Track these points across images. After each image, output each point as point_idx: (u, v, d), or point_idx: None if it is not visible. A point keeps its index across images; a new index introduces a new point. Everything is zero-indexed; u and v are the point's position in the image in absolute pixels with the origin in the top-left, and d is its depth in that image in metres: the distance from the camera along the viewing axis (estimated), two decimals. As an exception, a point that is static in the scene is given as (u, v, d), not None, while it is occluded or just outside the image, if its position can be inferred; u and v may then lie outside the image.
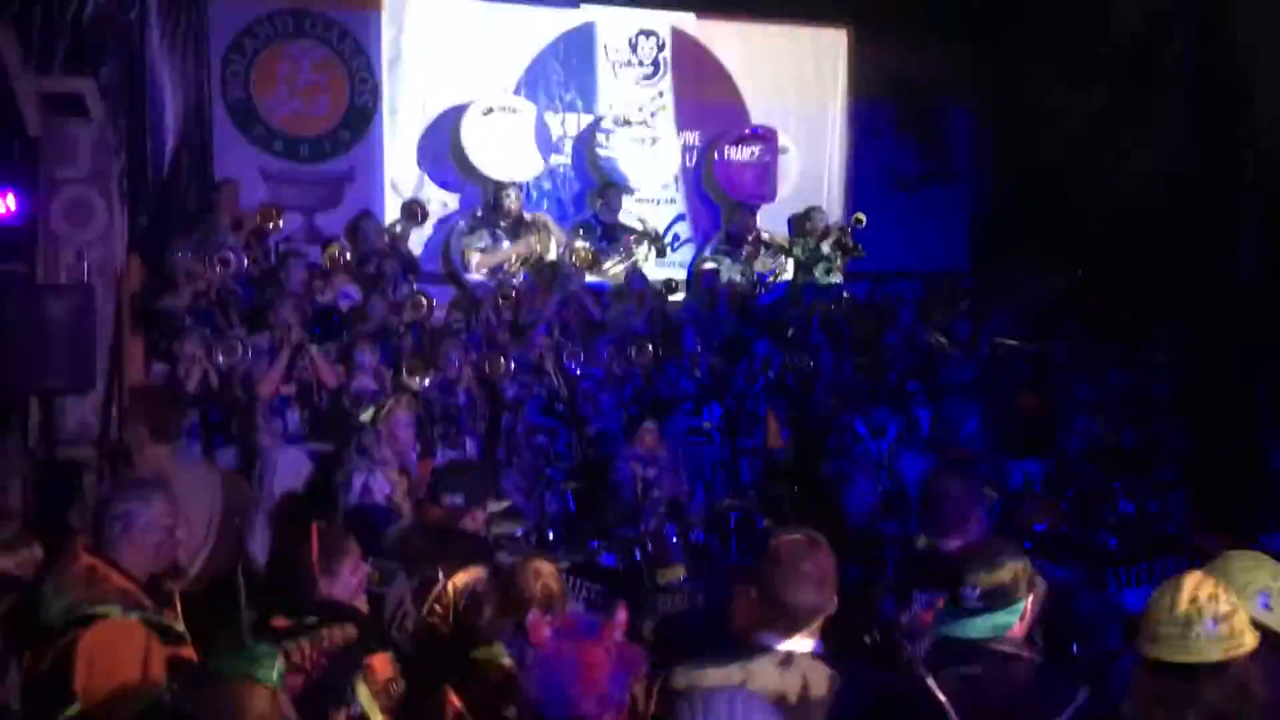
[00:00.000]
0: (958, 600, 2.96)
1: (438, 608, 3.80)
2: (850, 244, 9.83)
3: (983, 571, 2.97)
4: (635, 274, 9.43)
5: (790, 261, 10.11)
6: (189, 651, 3.32)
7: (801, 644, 2.90)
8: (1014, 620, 2.96)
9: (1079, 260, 9.54)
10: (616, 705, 2.32)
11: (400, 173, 9.62)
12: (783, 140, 10.44)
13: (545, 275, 9.14)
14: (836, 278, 9.97)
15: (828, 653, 2.95)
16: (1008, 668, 2.90)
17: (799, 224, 10.27)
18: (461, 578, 3.85)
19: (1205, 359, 8.40)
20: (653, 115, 10.13)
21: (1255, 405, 7.91)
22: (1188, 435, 7.71)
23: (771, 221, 10.36)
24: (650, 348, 8.22)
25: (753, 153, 10.31)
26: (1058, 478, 7.14)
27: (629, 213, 9.91)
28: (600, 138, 9.94)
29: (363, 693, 3.20)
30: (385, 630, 3.70)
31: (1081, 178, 9.80)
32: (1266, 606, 3.00)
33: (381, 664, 3.27)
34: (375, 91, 9.49)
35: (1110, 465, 7.16)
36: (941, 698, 2.82)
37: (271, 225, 8.38)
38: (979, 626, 2.93)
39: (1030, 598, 3.02)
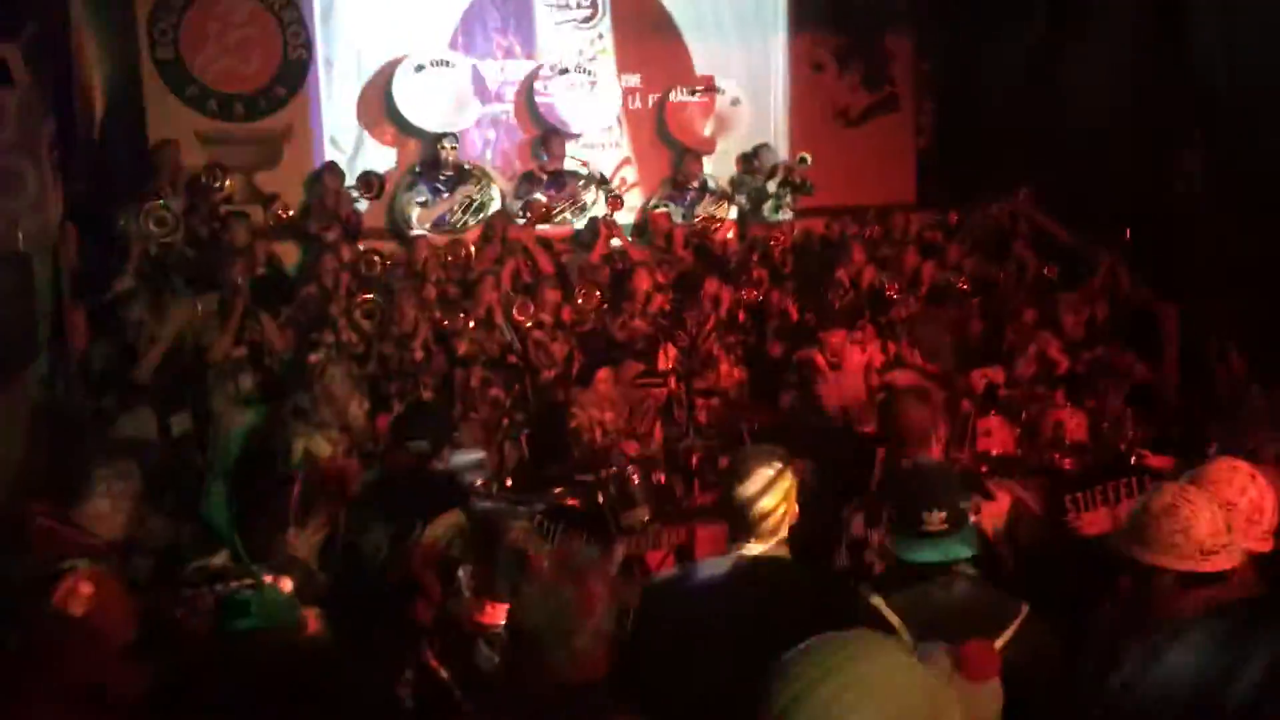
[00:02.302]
0: (917, 523, 3.02)
1: (417, 555, 3.81)
2: (798, 181, 9.83)
3: (943, 498, 3.05)
4: (587, 219, 9.40)
5: (733, 208, 10.09)
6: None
7: (763, 548, 2.99)
8: (967, 550, 3.05)
9: (1024, 186, 9.61)
10: (607, 639, 2.33)
11: (339, 129, 9.47)
12: (734, 90, 10.39)
13: (491, 228, 9.06)
14: (786, 215, 9.97)
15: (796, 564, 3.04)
16: (954, 587, 2.99)
17: (746, 162, 10.25)
18: (442, 522, 3.86)
19: (1147, 279, 8.54)
20: (592, 59, 10.03)
21: (1198, 323, 8.06)
22: (1134, 356, 7.83)
23: (720, 167, 10.33)
24: (598, 293, 8.22)
25: (700, 98, 10.28)
26: (1010, 401, 7.24)
27: (572, 159, 9.83)
28: (539, 85, 9.85)
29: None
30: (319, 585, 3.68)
31: (1024, 104, 9.85)
32: None
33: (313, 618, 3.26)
34: (309, 45, 9.29)
35: (1061, 388, 7.27)
36: (894, 619, 2.90)
37: (216, 184, 8.20)
38: (936, 552, 3.01)
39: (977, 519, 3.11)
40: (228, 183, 8.26)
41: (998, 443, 6.60)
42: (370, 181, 8.92)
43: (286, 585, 3.21)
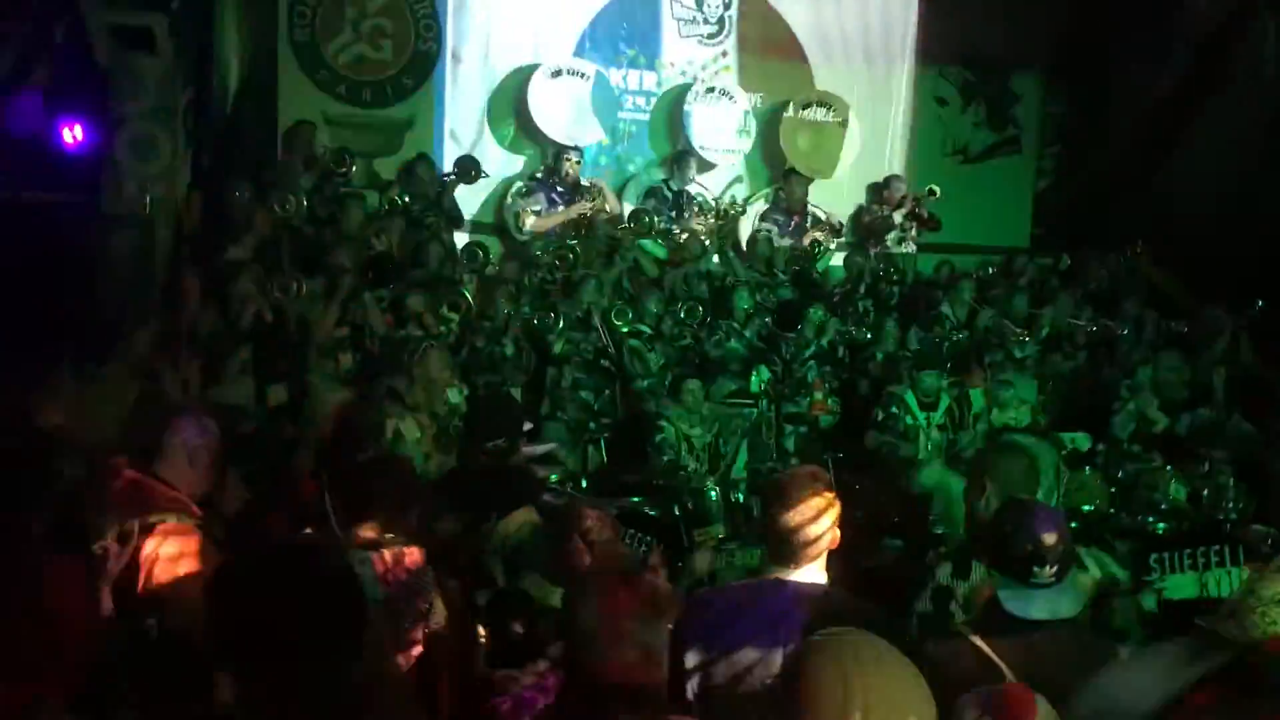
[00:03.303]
0: (1027, 575, 2.94)
1: (492, 546, 3.85)
2: (925, 214, 9.68)
3: (1057, 550, 2.96)
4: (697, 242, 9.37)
5: (834, 241, 9.96)
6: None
7: (803, 575, 2.96)
8: (1076, 607, 2.97)
9: (1146, 239, 9.34)
10: (660, 644, 2.29)
11: (460, 123, 9.63)
12: (847, 115, 10.28)
13: (600, 235, 9.10)
14: (909, 248, 9.83)
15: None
16: (1052, 632, 2.91)
17: (876, 192, 10.14)
18: (516, 518, 3.89)
19: (1265, 346, 8.22)
20: (715, 74, 10.04)
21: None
22: (1243, 422, 7.54)
23: (827, 193, 10.23)
24: (700, 308, 8.20)
25: (818, 116, 10.18)
26: (1108, 459, 7.03)
27: (695, 181, 9.79)
28: (684, 103, 9.84)
29: (439, 609, 3.25)
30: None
31: (1151, 157, 9.58)
32: None
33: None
34: (439, 38, 9.48)
35: (1163, 449, 7.04)
36: (994, 657, 2.83)
37: (343, 170, 8.41)
38: (1045, 608, 2.92)
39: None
40: (353, 170, 8.45)
41: (1089, 500, 6.40)
42: (468, 167, 9.04)
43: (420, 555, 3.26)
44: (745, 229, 9.93)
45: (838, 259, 9.88)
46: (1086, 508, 6.34)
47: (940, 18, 10.39)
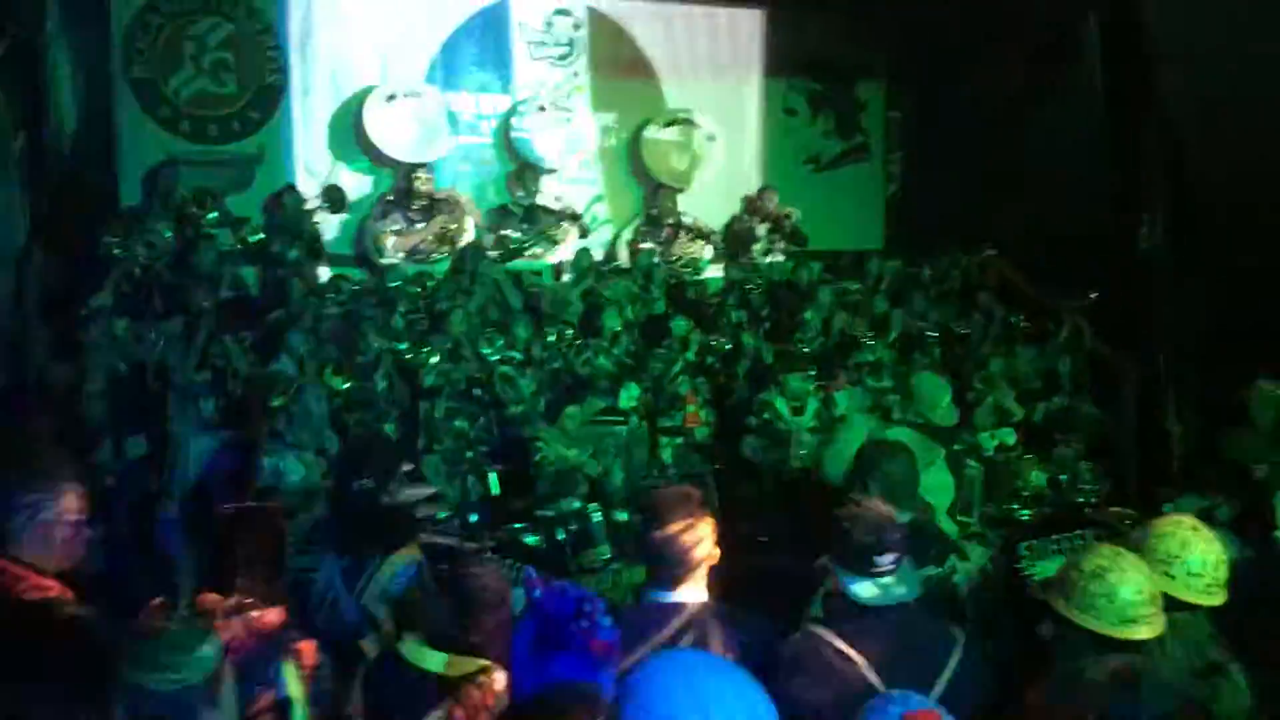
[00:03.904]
0: (868, 565, 3.07)
1: (373, 589, 3.76)
2: (789, 228, 9.92)
3: (894, 539, 3.10)
4: (557, 256, 9.41)
5: (709, 247, 10.14)
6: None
7: (683, 595, 3.01)
8: (916, 589, 3.12)
9: (991, 236, 9.72)
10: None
11: (314, 155, 9.46)
12: (709, 127, 10.47)
13: (462, 260, 9.06)
14: (777, 258, 10.03)
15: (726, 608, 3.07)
16: (896, 619, 3.05)
17: (749, 203, 10.32)
18: (395, 562, 3.81)
19: (1109, 332, 8.64)
20: (568, 96, 10.10)
21: (1157, 378, 8.16)
22: (1092, 407, 7.92)
23: (693, 204, 10.39)
24: (569, 330, 8.22)
25: (675, 134, 10.34)
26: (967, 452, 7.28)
27: (547, 194, 9.86)
28: (515, 120, 9.89)
29: (289, 674, 3.15)
30: (311, 614, 3.65)
31: (991, 157, 9.98)
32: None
33: (308, 648, 3.22)
34: (284, 70, 9.30)
35: (1021, 439, 7.33)
36: (850, 651, 2.93)
37: (205, 211, 8.15)
38: (885, 591, 3.05)
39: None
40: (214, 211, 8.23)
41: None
42: (335, 197, 8.90)
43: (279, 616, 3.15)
44: (622, 246, 10.02)
45: (717, 270, 10.01)
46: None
47: (784, 31, 10.68)
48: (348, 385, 6.94)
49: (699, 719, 2.07)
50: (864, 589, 3.08)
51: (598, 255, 9.86)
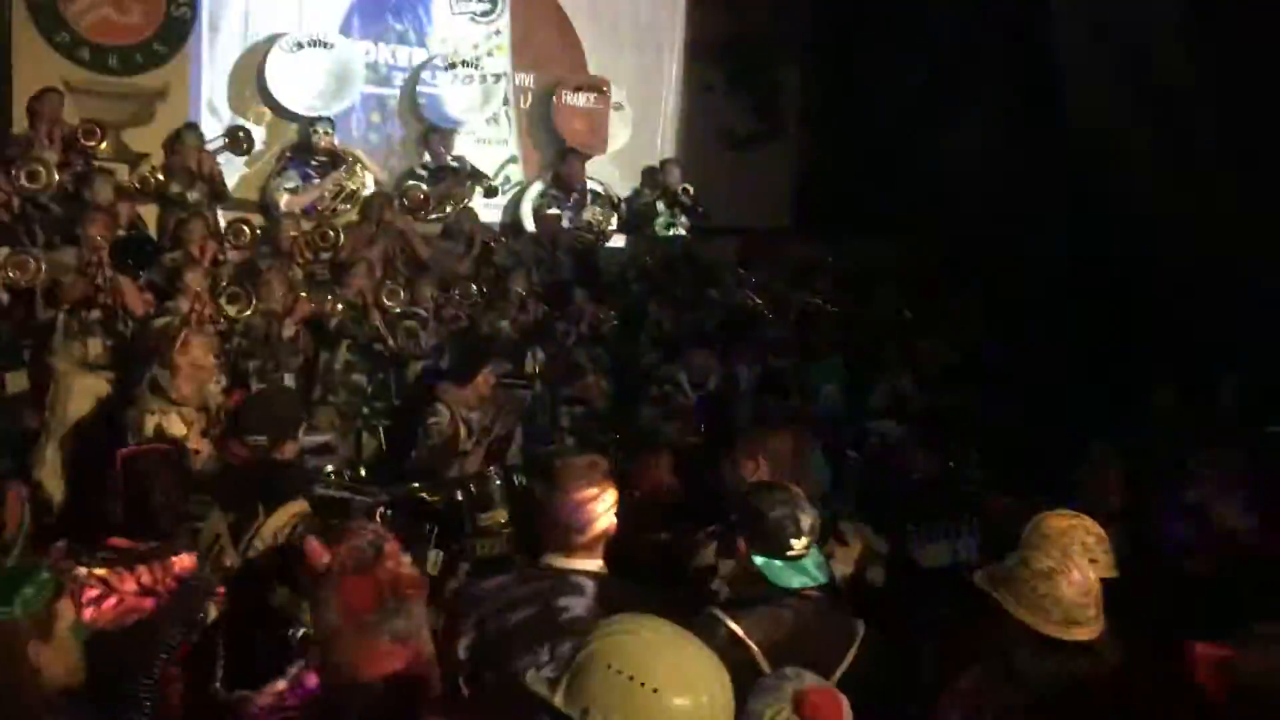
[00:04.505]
0: (784, 549, 3.11)
1: (257, 544, 3.70)
2: (688, 203, 9.93)
3: (809, 523, 3.14)
4: (464, 214, 9.29)
5: (615, 216, 10.12)
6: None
7: (580, 563, 3.02)
8: (826, 574, 3.16)
9: (895, 226, 9.90)
10: (395, 636, 2.27)
11: (218, 95, 9.18)
12: (617, 96, 10.43)
13: (369, 208, 8.90)
14: (678, 232, 10.05)
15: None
16: (800, 608, 3.10)
17: (650, 176, 10.30)
18: (281, 515, 3.75)
19: (1002, 326, 8.89)
20: (489, 54, 9.96)
21: (1046, 371, 8.42)
22: (983, 399, 8.14)
23: (600, 171, 10.35)
24: (475, 289, 8.16)
25: (589, 99, 10.28)
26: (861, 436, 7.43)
27: (458, 152, 9.72)
28: (425, 75, 9.72)
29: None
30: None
31: (905, 147, 10.15)
32: None
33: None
34: (195, 5, 8.99)
35: (912, 425, 7.50)
36: (749, 640, 2.97)
37: (94, 143, 7.82)
38: (803, 576, 3.10)
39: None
40: (104, 143, 7.90)
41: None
42: (238, 136, 8.66)
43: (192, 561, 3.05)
44: (527, 209, 9.92)
45: (620, 240, 9.99)
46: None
47: (709, 8, 10.68)
48: (250, 331, 6.77)
49: None
50: (776, 572, 3.10)
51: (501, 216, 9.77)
